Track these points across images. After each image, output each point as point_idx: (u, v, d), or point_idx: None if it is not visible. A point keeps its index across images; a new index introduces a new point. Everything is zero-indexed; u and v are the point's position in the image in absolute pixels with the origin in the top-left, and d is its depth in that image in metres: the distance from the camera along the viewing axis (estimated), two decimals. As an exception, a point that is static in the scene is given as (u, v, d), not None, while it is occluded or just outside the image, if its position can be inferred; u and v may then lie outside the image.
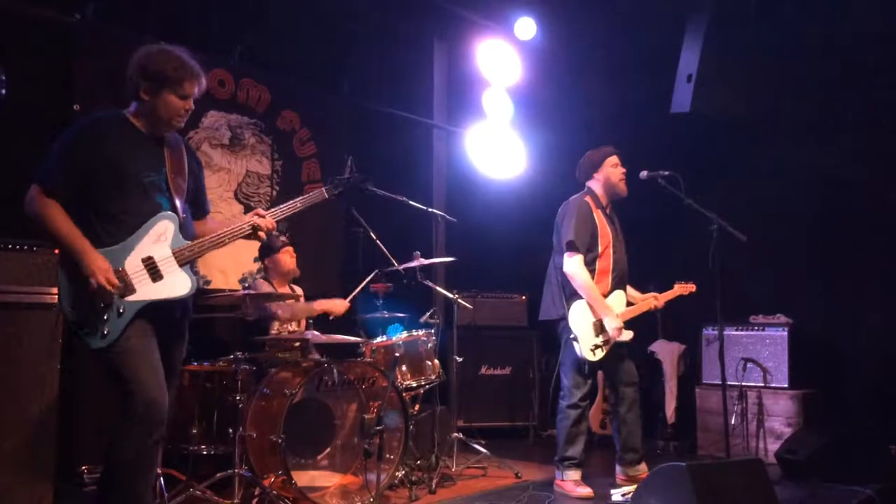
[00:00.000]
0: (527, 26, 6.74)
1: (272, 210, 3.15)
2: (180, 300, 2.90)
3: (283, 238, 4.83)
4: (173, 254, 2.85)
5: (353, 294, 4.68)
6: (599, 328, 4.36)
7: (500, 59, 6.74)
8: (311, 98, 6.01)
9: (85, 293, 2.69)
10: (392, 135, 6.52)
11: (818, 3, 5.37)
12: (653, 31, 6.11)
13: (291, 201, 3.19)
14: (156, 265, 2.81)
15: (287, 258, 4.79)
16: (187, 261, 2.89)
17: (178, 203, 2.92)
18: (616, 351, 4.45)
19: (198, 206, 3.16)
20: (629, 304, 4.59)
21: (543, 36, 6.79)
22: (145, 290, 2.78)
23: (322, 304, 4.70)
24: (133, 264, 2.78)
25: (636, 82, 6.33)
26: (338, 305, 4.73)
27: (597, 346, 4.35)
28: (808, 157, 5.83)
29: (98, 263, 2.68)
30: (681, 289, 4.76)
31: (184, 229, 2.92)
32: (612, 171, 4.56)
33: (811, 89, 5.63)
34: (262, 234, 3.10)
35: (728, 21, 5.59)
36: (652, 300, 4.66)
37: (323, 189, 3.24)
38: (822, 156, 5.77)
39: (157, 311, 2.82)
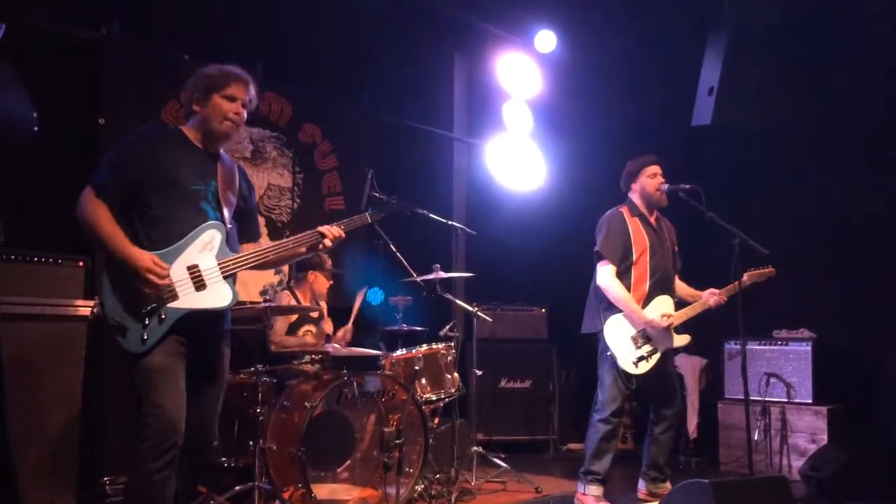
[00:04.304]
0: (547, 39, 6.73)
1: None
2: (220, 311, 2.86)
3: (330, 262, 4.95)
4: (218, 265, 2.81)
5: (353, 317, 4.87)
6: (642, 339, 4.31)
7: (521, 72, 6.73)
8: (333, 111, 6.06)
9: (128, 296, 2.67)
10: (412, 147, 6.54)
11: (839, 15, 5.34)
12: (673, 42, 6.09)
13: (339, 222, 3.09)
14: (200, 274, 2.77)
15: (327, 283, 4.97)
16: (231, 273, 2.85)
17: (226, 214, 2.89)
18: (663, 367, 4.37)
19: (249, 228, 3.14)
20: (684, 305, 4.51)
21: (563, 48, 6.78)
22: (188, 299, 2.74)
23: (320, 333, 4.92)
24: (178, 271, 2.74)
25: (657, 94, 6.32)
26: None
27: (641, 358, 4.28)
28: (830, 168, 5.77)
29: (144, 256, 2.66)
30: (756, 275, 4.42)
31: (229, 241, 2.89)
32: (647, 181, 4.50)
33: (832, 101, 5.58)
34: (328, 241, 3.03)
35: (750, 33, 5.57)
36: (710, 297, 4.46)
37: (366, 214, 3.20)
38: (845, 167, 5.72)
39: (192, 322, 2.76)
